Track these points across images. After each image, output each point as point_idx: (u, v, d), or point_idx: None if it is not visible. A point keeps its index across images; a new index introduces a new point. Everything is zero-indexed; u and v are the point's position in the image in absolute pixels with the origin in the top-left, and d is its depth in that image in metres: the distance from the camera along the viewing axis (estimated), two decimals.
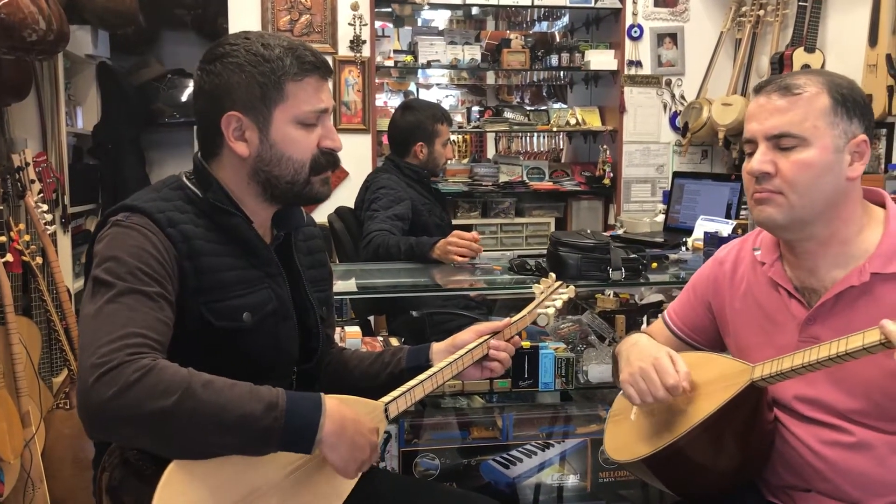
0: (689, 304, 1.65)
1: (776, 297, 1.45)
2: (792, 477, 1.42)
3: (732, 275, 1.56)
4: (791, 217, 1.36)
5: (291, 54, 1.34)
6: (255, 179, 1.37)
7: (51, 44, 2.73)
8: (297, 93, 1.34)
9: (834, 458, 1.35)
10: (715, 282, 1.59)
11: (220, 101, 1.33)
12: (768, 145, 1.36)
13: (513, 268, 2.58)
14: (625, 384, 1.43)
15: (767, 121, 1.36)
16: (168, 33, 5.06)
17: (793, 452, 1.40)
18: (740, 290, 1.53)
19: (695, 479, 1.46)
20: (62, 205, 3.52)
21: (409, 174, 3.14)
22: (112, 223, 1.28)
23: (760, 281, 1.49)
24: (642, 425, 1.50)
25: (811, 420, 1.39)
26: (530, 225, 4.62)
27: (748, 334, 1.50)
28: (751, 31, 4.13)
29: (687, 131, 4.29)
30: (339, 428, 1.19)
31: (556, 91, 5.60)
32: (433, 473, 2.37)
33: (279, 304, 1.41)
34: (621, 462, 1.49)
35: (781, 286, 1.44)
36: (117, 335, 1.12)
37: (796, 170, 1.34)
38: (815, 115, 1.33)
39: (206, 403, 1.10)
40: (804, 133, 1.33)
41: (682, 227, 3.37)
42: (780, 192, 1.35)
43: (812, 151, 1.33)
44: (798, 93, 1.34)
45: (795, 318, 1.41)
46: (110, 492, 1.22)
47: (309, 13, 4.00)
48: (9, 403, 2.53)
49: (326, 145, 1.38)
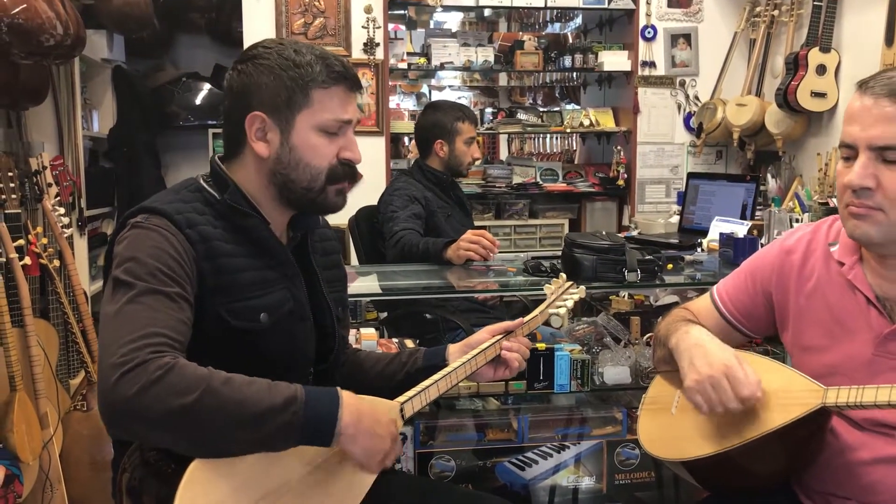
0: (746, 289, 1.54)
1: (852, 302, 1.35)
2: (835, 486, 1.36)
3: (801, 267, 1.44)
4: (889, 236, 1.26)
5: (322, 62, 1.35)
6: (273, 182, 1.39)
7: (68, 48, 2.75)
8: (322, 100, 1.36)
9: (886, 474, 1.29)
10: (780, 272, 1.47)
11: (247, 100, 1.36)
12: (871, 156, 1.24)
13: (527, 269, 2.58)
14: (691, 391, 1.34)
15: (873, 128, 1.23)
16: (182, 37, 5.08)
17: (843, 463, 1.34)
18: (808, 285, 1.42)
19: (733, 482, 1.41)
20: (79, 208, 3.55)
21: (430, 177, 3.14)
22: (131, 225, 1.29)
23: (835, 280, 1.38)
24: (688, 424, 1.42)
25: (869, 431, 1.32)
26: (544, 226, 4.61)
27: (813, 335, 1.40)
28: (765, 32, 4.11)
29: (701, 132, 4.27)
30: (357, 420, 1.20)
31: (569, 92, 5.59)
32: (448, 475, 2.37)
33: (296, 304, 1.42)
34: (658, 457, 1.45)
35: (860, 291, 1.34)
36: (138, 335, 1.13)
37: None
38: None
39: (227, 400, 1.11)
40: None
41: (697, 229, 3.36)
42: (880, 208, 1.24)
43: None
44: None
45: (873, 330, 1.31)
46: (130, 492, 1.23)
47: (323, 16, 4.01)
48: (27, 405, 2.55)
49: (346, 156, 1.40)
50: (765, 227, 2.89)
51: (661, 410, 1.53)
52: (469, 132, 3.16)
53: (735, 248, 2.60)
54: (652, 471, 2.52)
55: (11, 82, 2.82)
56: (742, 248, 2.58)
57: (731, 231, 2.78)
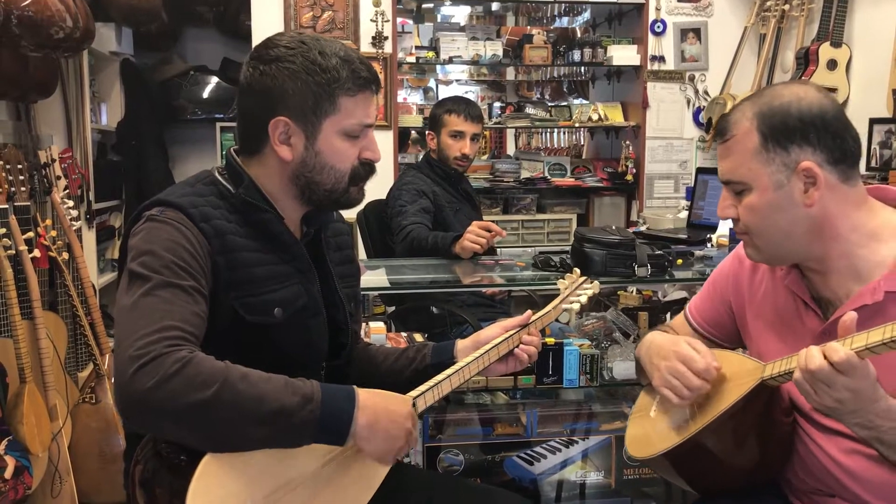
0: (710, 300, 1.62)
1: (793, 307, 1.41)
2: (815, 483, 1.40)
3: (752, 275, 1.51)
4: (764, 255, 1.37)
5: (348, 67, 1.34)
6: (295, 183, 1.39)
7: (77, 41, 2.75)
8: (348, 106, 1.35)
9: (855, 468, 1.32)
10: (735, 280, 1.55)
11: (271, 104, 1.34)
12: (727, 189, 1.37)
13: (536, 264, 2.57)
14: (659, 388, 1.42)
15: (719, 165, 1.37)
16: (190, 30, 5.08)
17: (814, 460, 1.38)
18: (759, 292, 1.49)
19: (713, 475, 1.44)
20: (87, 200, 3.55)
21: (438, 172, 3.13)
22: (147, 217, 1.29)
23: (779, 287, 1.45)
24: (661, 422, 1.49)
25: (829, 430, 1.35)
26: (552, 221, 4.61)
27: (767, 340, 1.47)
28: (775, 26, 4.09)
29: (710, 127, 4.25)
30: (373, 420, 1.20)
31: (577, 87, 5.57)
32: (457, 469, 2.37)
33: (309, 299, 1.42)
34: (640, 458, 1.49)
35: (798, 295, 1.40)
36: (154, 328, 1.12)
37: (747, 215, 1.33)
38: (748, 157, 1.31)
39: (244, 396, 1.11)
40: (742, 178, 1.32)
41: (706, 224, 3.34)
42: (746, 233, 1.36)
43: (754, 195, 1.31)
44: (728, 138, 1.33)
45: (812, 331, 1.37)
46: (143, 484, 1.23)
47: (331, 10, 4.00)
48: (37, 397, 2.56)
49: (367, 157, 1.40)
50: None
51: (643, 416, 1.57)
52: (455, 125, 3.08)
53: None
54: None
55: (21, 75, 2.82)
56: None
57: None
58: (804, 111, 1.29)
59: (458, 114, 3.09)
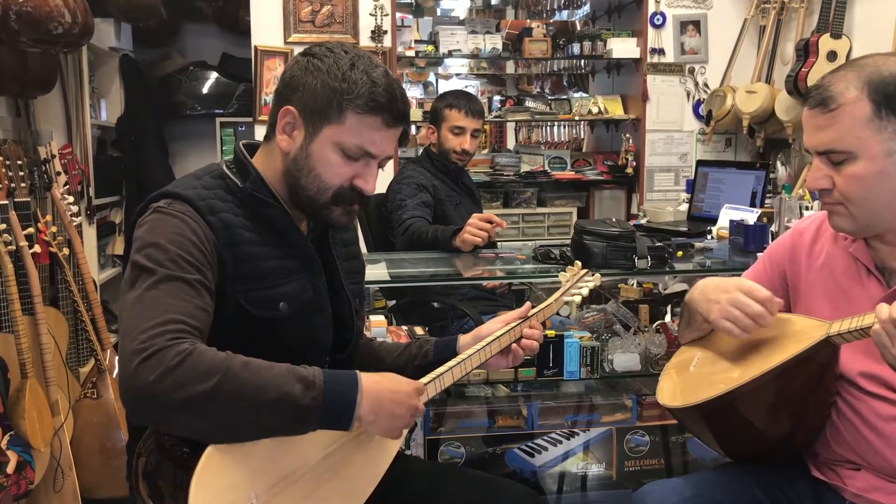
0: (765, 272, 1.62)
1: (855, 273, 1.44)
2: (844, 451, 1.41)
3: (812, 246, 1.54)
4: (858, 225, 1.37)
5: (369, 87, 1.32)
6: (286, 179, 1.39)
7: (76, 37, 2.75)
8: (353, 124, 1.33)
9: (889, 433, 1.35)
10: (792, 251, 1.57)
11: (289, 92, 1.36)
12: (821, 159, 1.36)
13: (537, 257, 2.57)
14: (719, 321, 1.41)
15: (814, 137, 1.36)
16: (189, 26, 5.07)
17: (848, 426, 1.40)
18: (818, 261, 1.51)
19: (744, 434, 1.45)
20: (87, 196, 3.55)
21: (438, 165, 3.13)
22: (154, 209, 1.29)
23: (840, 255, 1.47)
24: (703, 374, 1.48)
25: (872, 395, 1.38)
26: (552, 214, 4.60)
27: (821, 306, 1.48)
28: (775, 18, 4.08)
29: (710, 119, 4.25)
30: (377, 403, 1.21)
31: (577, 80, 5.57)
32: (458, 461, 2.38)
33: (315, 294, 1.42)
34: (674, 407, 1.47)
35: (861, 262, 1.43)
36: (158, 321, 1.13)
37: (850, 184, 1.33)
38: (857, 126, 1.31)
39: (246, 384, 1.12)
40: (849, 147, 1.32)
41: (706, 216, 3.34)
42: (841, 203, 1.36)
43: (861, 164, 1.32)
44: (834, 108, 1.32)
45: (872, 297, 1.38)
46: (146, 477, 1.24)
47: (330, 4, 3.99)
48: (38, 392, 2.56)
49: (358, 184, 1.38)
50: (775, 214, 2.87)
51: (681, 370, 1.56)
52: (456, 120, 3.07)
53: (746, 236, 2.59)
54: (661, 458, 2.52)
55: (20, 71, 2.82)
56: (753, 236, 2.57)
57: (741, 219, 2.76)
58: None
59: (459, 109, 3.08)
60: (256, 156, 1.43)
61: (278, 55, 3.97)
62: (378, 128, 1.35)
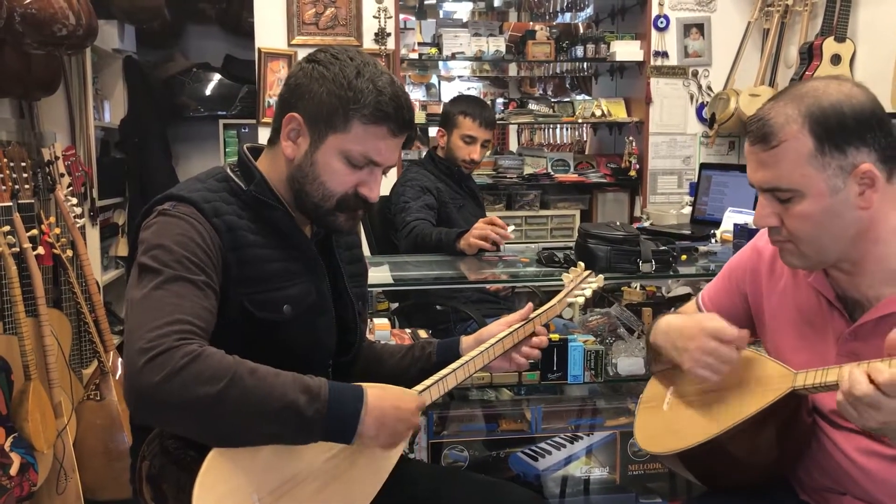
0: (726, 290, 1.57)
1: (816, 305, 1.38)
2: (827, 480, 1.39)
3: (771, 267, 1.47)
4: (810, 262, 1.32)
5: (375, 96, 1.31)
6: (291, 185, 1.39)
7: (80, 38, 2.75)
8: (358, 132, 1.33)
9: (871, 468, 1.30)
10: (753, 272, 1.51)
11: (294, 98, 1.35)
12: (766, 196, 1.29)
13: (540, 260, 2.57)
14: (694, 371, 1.36)
15: (757, 173, 1.28)
16: (193, 28, 5.08)
17: (829, 458, 1.36)
18: (779, 286, 1.45)
19: (727, 474, 1.43)
20: (90, 198, 3.55)
21: (442, 168, 3.13)
22: (158, 212, 1.30)
23: (800, 283, 1.41)
24: (677, 417, 1.47)
25: (849, 430, 1.33)
26: (555, 217, 4.60)
27: (785, 336, 1.43)
28: (779, 21, 4.08)
29: (714, 122, 4.24)
30: (380, 420, 1.21)
31: (580, 82, 5.56)
32: (462, 465, 2.37)
33: (318, 297, 1.42)
34: (653, 453, 1.47)
35: (822, 293, 1.36)
36: (164, 321, 1.13)
37: (797, 223, 1.26)
38: (801, 163, 1.23)
39: (252, 391, 1.12)
40: (794, 185, 1.24)
41: (710, 220, 3.34)
42: (790, 241, 1.29)
43: (807, 202, 1.24)
44: (776, 144, 1.24)
45: (835, 331, 1.34)
46: (150, 480, 1.24)
47: (334, 6, 3.99)
48: (42, 394, 2.56)
49: (362, 192, 1.38)
50: None
51: (655, 408, 1.55)
52: (469, 129, 3.06)
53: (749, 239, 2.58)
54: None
55: (24, 73, 2.82)
56: None
57: (745, 222, 2.76)
58: (857, 110, 1.23)
59: (473, 118, 3.07)
60: (261, 159, 1.44)
61: (282, 57, 3.98)
62: (383, 137, 1.34)
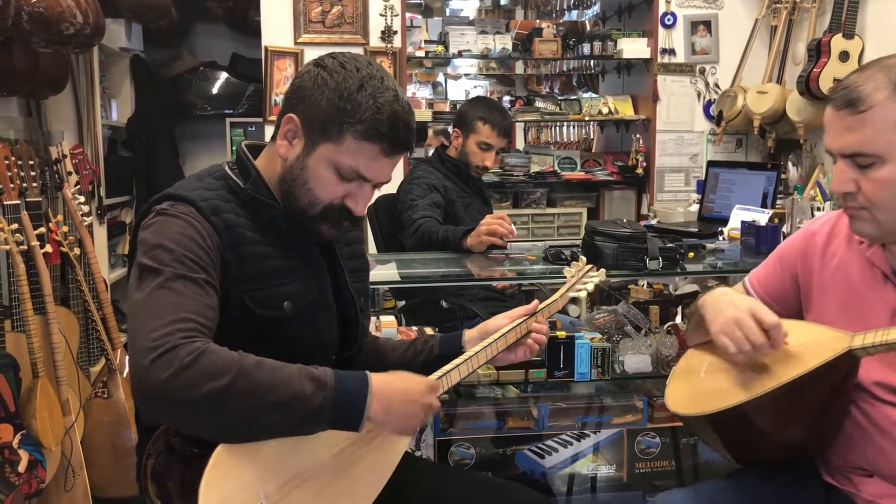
0: (775, 273, 1.59)
1: (870, 278, 1.40)
2: (855, 458, 1.40)
3: (825, 248, 1.50)
4: (882, 231, 1.33)
5: (372, 113, 1.30)
6: (281, 186, 1.39)
7: (87, 37, 2.76)
8: (351, 146, 1.32)
9: None
10: (804, 254, 1.53)
11: (295, 100, 1.36)
12: (846, 162, 1.32)
13: (547, 257, 2.57)
14: (718, 334, 1.37)
15: (840, 139, 1.31)
16: (200, 26, 5.09)
17: (861, 433, 1.38)
18: (831, 264, 1.48)
19: (757, 444, 1.43)
20: (98, 196, 3.56)
21: (450, 166, 3.12)
22: (157, 211, 1.30)
23: (855, 259, 1.43)
24: (715, 381, 1.45)
25: (887, 402, 1.36)
26: (562, 215, 4.59)
27: (833, 310, 1.45)
28: (787, 18, 4.06)
29: (721, 120, 4.23)
30: (387, 404, 1.21)
31: (587, 80, 5.55)
32: (468, 462, 2.37)
33: (319, 293, 1.42)
34: (683, 415, 1.45)
35: (878, 267, 1.39)
36: (168, 319, 1.13)
37: (876, 189, 1.29)
38: (888, 129, 1.26)
39: (258, 383, 1.13)
40: (878, 151, 1.27)
41: (717, 217, 3.32)
42: (865, 208, 1.32)
43: (889, 168, 1.27)
44: (864, 109, 1.27)
45: (888, 303, 1.36)
46: (155, 477, 1.24)
47: (340, 4, 3.99)
48: (49, 392, 2.57)
49: (348, 204, 1.38)
50: (786, 215, 2.85)
51: (691, 375, 1.53)
52: (486, 136, 3.05)
53: (758, 237, 2.58)
54: (672, 459, 2.51)
55: (31, 71, 2.83)
56: (765, 237, 2.55)
57: (753, 219, 2.75)
58: None
59: (492, 126, 3.05)
60: (260, 156, 1.44)
61: (288, 55, 3.98)
62: (375, 156, 1.34)
